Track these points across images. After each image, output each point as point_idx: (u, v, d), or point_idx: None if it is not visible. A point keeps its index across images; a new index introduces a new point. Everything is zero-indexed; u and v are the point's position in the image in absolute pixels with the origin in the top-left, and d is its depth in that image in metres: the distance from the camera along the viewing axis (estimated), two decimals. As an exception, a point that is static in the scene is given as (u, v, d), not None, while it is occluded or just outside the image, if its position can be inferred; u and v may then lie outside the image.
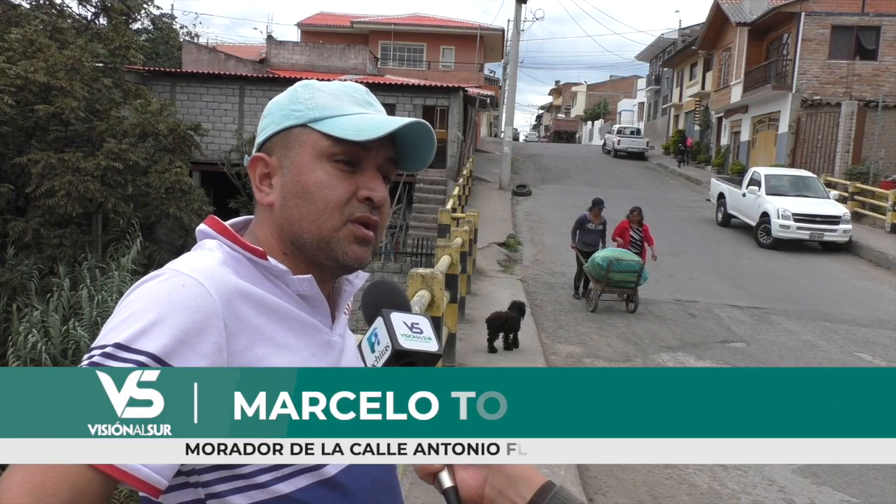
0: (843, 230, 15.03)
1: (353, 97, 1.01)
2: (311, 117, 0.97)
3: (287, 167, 0.98)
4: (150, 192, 14.85)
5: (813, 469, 5.05)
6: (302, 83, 1.02)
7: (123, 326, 0.82)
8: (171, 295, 0.84)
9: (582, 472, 4.59)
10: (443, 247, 6.99)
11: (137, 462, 0.76)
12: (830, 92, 23.40)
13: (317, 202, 0.95)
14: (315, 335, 0.98)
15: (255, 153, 1.01)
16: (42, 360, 9.67)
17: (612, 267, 9.30)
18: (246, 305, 0.90)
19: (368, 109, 1.01)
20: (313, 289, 0.97)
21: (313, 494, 0.91)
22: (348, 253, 0.97)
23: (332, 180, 0.96)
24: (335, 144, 0.96)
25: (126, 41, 16.47)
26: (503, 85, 35.81)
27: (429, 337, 0.83)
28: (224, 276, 0.90)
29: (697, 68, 35.31)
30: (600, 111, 63.16)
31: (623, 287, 9.62)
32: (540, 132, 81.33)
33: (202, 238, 0.99)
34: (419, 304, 3.92)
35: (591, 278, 9.78)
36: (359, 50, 28.81)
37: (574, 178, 26.16)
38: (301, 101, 0.99)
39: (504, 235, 14.96)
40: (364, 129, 0.95)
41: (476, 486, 0.74)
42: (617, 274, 9.39)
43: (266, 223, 1.00)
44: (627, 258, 9.58)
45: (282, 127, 0.99)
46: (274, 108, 1.02)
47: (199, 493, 0.88)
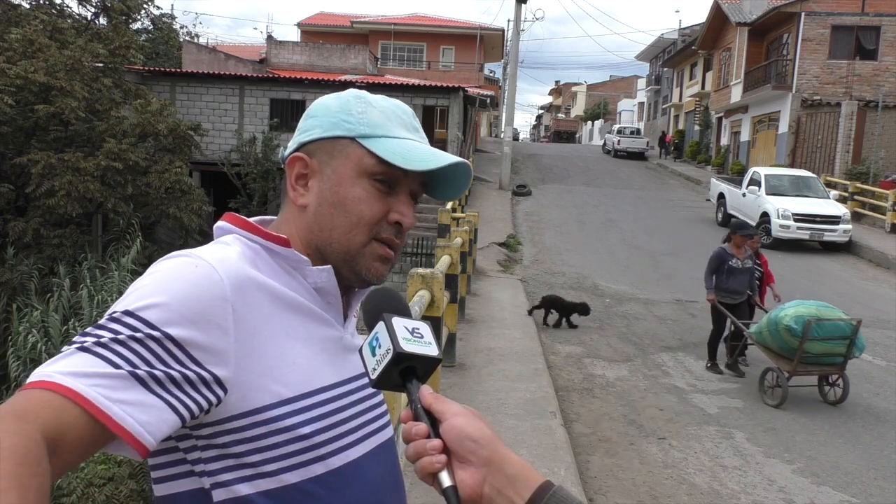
0: (843, 230, 15.04)
1: (402, 119, 1.02)
2: (361, 133, 0.98)
3: (328, 175, 0.99)
4: (150, 192, 14.85)
5: (813, 469, 5.05)
6: (354, 93, 1.02)
7: (132, 295, 0.85)
8: (182, 272, 0.87)
9: (582, 472, 4.59)
10: (443, 247, 6.99)
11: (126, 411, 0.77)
12: (830, 92, 23.40)
13: (351, 216, 0.97)
14: (327, 330, 0.99)
15: (296, 152, 1.01)
16: (42, 360, 9.67)
17: (809, 332, 6.01)
18: (259, 295, 0.91)
19: (414, 135, 1.02)
20: (331, 281, 0.98)
21: (319, 485, 0.92)
22: (371, 270, 0.99)
23: (369, 198, 0.97)
24: (379, 164, 0.97)
25: (126, 41, 16.46)
26: (503, 85, 35.80)
27: (429, 342, 0.84)
28: (239, 265, 0.91)
29: (697, 68, 35.31)
30: (600, 111, 63.15)
31: (826, 364, 6.31)
32: (539, 132, 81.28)
33: (220, 234, 1.00)
34: (419, 305, 3.92)
35: (768, 352, 6.49)
36: (359, 50, 28.80)
37: (574, 178, 26.16)
38: (353, 112, 0.99)
39: (504, 235, 14.96)
40: (412, 158, 0.96)
41: (475, 486, 0.74)
42: (818, 344, 6.10)
43: (294, 222, 1.01)
44: (832, 315, 6.21)
45: (330, 134, 0.99)
46: (322, 111, 1.02)
47: (205, 482, 0.89)
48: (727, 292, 7.27)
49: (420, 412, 0.78)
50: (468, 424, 0.76)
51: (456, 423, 0.76)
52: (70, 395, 0.75)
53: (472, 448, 0.75)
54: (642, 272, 12.54)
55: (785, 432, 5.76)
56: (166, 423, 0.81)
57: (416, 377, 0.82)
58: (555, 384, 6.29)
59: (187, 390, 0.83)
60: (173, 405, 0.81)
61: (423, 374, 0.83)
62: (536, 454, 4.51)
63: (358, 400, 1.01)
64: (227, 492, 0.89)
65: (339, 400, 0.97)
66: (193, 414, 0.84)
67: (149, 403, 0.79)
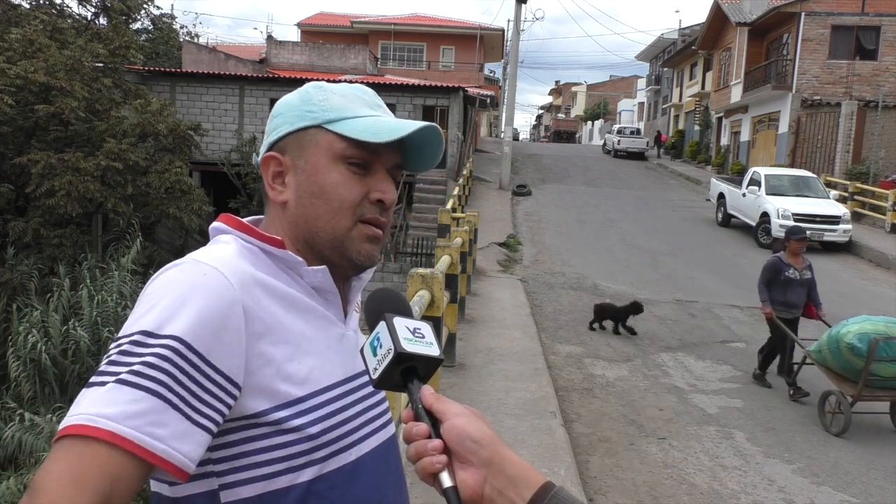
0: (843, 230, 15.04)
1: (363, 99, 1.03)
2: (326, 118, 0.99)
3: (301, 167, 0.99)
4: (150, 192, 14.85)
5: (813, 469, 5.05)
6: (313, 85, 1.04)
7: (149, 315, 0.84)
8: (193, 283, 0.87)
9: (582, 472, 4.59)
10: (443, 247, 6.98)
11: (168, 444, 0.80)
12: (830, 92, 23.39)
13: (332, 202, 0.98)
14: (330, 328, 0.99)
15: (268, 152, 1.02)
16: (42, 360, 9.67)
17: (877, 352, 5.36)
18: (264, 294, 0.92)
19: (378, 111, 1.03)
20: (327, 280, 0.99)
21: (325, 484, 0.92)
22: (361, 252, 0.99)
23: (346, 181, 0.98)
24: (350, 147, 0.98)
25: (126, 41, 16.46)
26: (503, 85, 35.79)
27: (430, 342, 0.84)
28: (242, 265, 0.92)
29: (697, 68, 35.31)
30: (600, 111, 63.15)
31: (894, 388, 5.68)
32: (539, 132, 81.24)
33: (216, 234, 1.01)
34: (419, 305, 3.92)
35: (830, 373, 5.86)
36: (359, 50, 28.79)
37: (574, 178, 26.15)
38: (315, 102, 1.01)
39: (504, 235, 14.95)
40: (380, 131, 0.97)
41: (476, 486, 0.74)
42: (887, 365, 5.42)
43: (279, 220, 1.01)
44: None
45: (296, 127, 1.00)
46: (285, 108, 1.03)
47: (214, 483, 0.89)
48: (784, 306, 6.66)
49: (421, 412, 0.78)
50: (469, 425, 0.76)
51: (457, 423, 0.76)
52: (122, 444, 0.77)
53: (473, 448, 0.75)
54: (642, 272, 12.54)
55: (785, 432, 5.76)
56: (203, 446, 0.84)
57: (417, 377, 0.82)
58: (555, 384, 6.29)
59: (215, 404, 0.84)
60: (207, 426, 0.84)
61: (425, 374, 0.83)
62: (536, 454, 4.51)
63: (361, 398, 1.01)
64: (234, 493, 0.89)
65: (344, 398, 0.98)
66: (219, 423, 0.86)
67: (190, 432, 0.82)
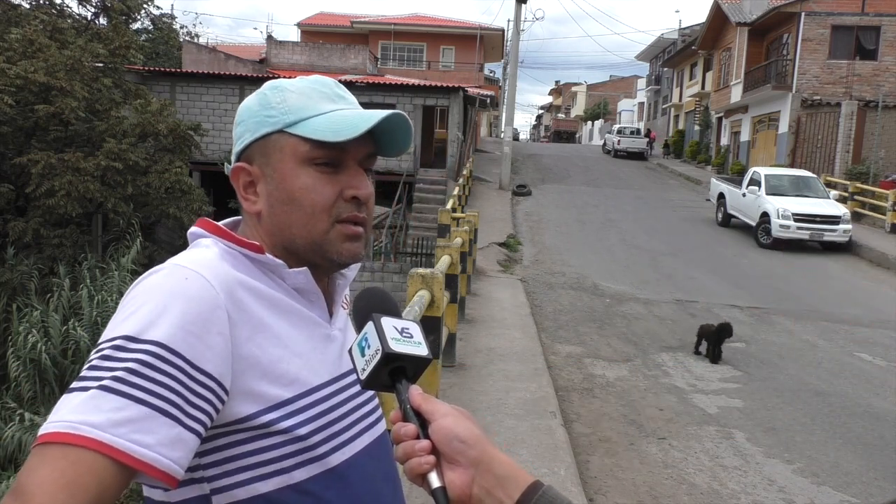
0: (843, 230, 15.03)
1: (322, 93, 0.99)
2: (286, 122, 0.96)
3: (270, 175, 0.97)
4: (150, 192, 14.85)
5: (813, 469, 5.04)
6: (270, 85, 1.00)
7: (131, 319, 0.83)
8: (175, 287, 0.85)
9: (582, 472, 4.58)
10: (443, 247, 6.97)
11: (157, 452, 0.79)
12: (830, 92, 23.39)
13: (304, 207, 0.95)
14: (314, 329, 0.98)
15: (236, 163, 1.00)
16: (42, 360, 9.67)
17: None
18: (247, 296, 0.91)
19: (340, 103, 0.99)
20: (309, 282, 0.97)
21: (317, 484, 0.92)
22: (342, 252, 0.97)
23: (316, 184, 0.95)
24: (314, 148, 0.95)
25: (126, 41, 16.46)
26: (503, 85, 35.78)
27: (419, 342, 0.83)
28: (225, 268, 0.91)
29: (697, 68, 35.31)
30: (600, 111, 63.15)
31: None
32: (539, 132, 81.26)
33: (195, 239, 0.99)
34: (419, 305, 3.91)
35: None
36: (359, 50, 28.79)
37: (574, 178, 26.15)
38: (273, 105, 0.97)
39: (504, 235, 14.95)
40: (341, 128, 0.94)
41: (464, 486, 0.74)
42: None
43: (256, 230, 1.00)
44: None
45: (259, 135, 0.97)
46: (246, 114, 1.00)
47: (204, 487, 0.89)
48: None
49: (409, 413, 0.78)
50: (457, 425, 0.76)
51: (444, 423, 0.76)
52: (109, 453, 0.76)
53: (461, 448, 0.74)
54: (642, 272, 12.53)
55: (785, 432, 5.75)
56: (192, 451, 0.83)
57: (405, 377, 0.81)
58: (555, 384, 6.28)
59: (203, 406, 0.83)
60: (195, 429, 0.82)
61: (413, 374, 0.82)
62: (536, 454, 4.50)
63: (350, 396, 1.01)
64: (226, 496, 0.89)
65: (333, 398, 0.97)
66: (207, 427, 0.85)
67: (177, 437, 0.80)
